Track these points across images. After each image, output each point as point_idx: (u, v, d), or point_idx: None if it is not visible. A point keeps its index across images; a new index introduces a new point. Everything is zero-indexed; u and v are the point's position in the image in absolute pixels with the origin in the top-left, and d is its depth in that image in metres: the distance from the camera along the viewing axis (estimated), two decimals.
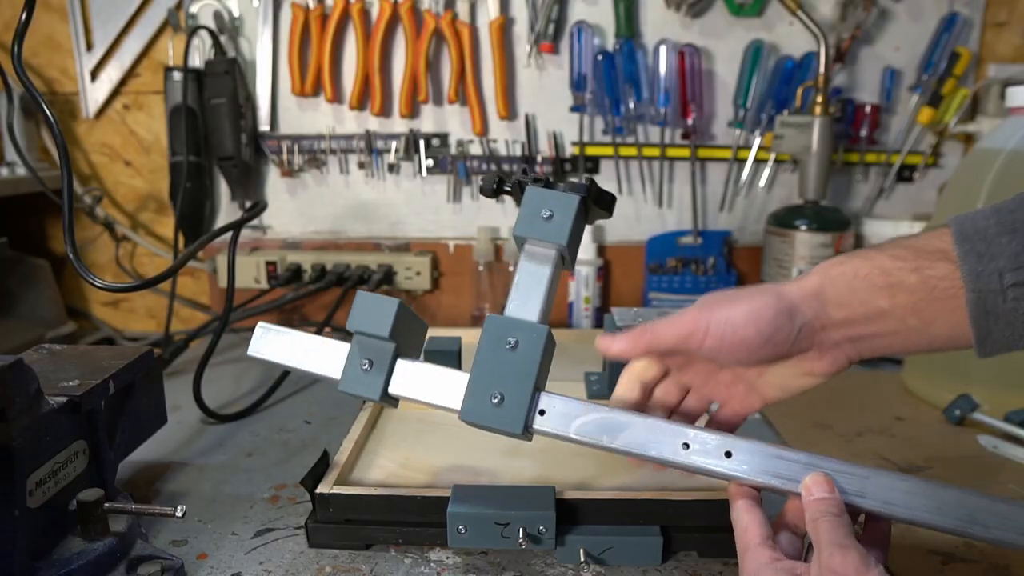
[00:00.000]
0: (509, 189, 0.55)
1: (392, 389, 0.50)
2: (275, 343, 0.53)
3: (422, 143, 1.12)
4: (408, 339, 0.51)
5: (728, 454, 0.46)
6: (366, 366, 0.50)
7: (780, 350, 0.47)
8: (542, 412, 0.48)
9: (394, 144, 1.12)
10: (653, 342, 0.48)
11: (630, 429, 0.47)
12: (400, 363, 0.50)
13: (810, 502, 0.43)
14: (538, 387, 0.48)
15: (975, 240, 0.43)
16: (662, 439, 0.47)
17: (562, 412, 0.48)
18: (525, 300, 0.50)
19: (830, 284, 0.46)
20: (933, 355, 0.87)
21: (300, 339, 0.52)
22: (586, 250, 1.10)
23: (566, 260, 0.53)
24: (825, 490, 0.43)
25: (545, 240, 0.51)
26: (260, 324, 0.54)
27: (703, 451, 0.46)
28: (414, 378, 0.50)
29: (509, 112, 1.10)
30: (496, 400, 0.47)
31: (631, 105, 1.07)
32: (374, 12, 1.07)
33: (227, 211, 1.17)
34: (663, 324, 0.48)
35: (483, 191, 0.56)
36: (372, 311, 0.49)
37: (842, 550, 0.38)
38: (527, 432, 0.48)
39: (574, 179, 0.53)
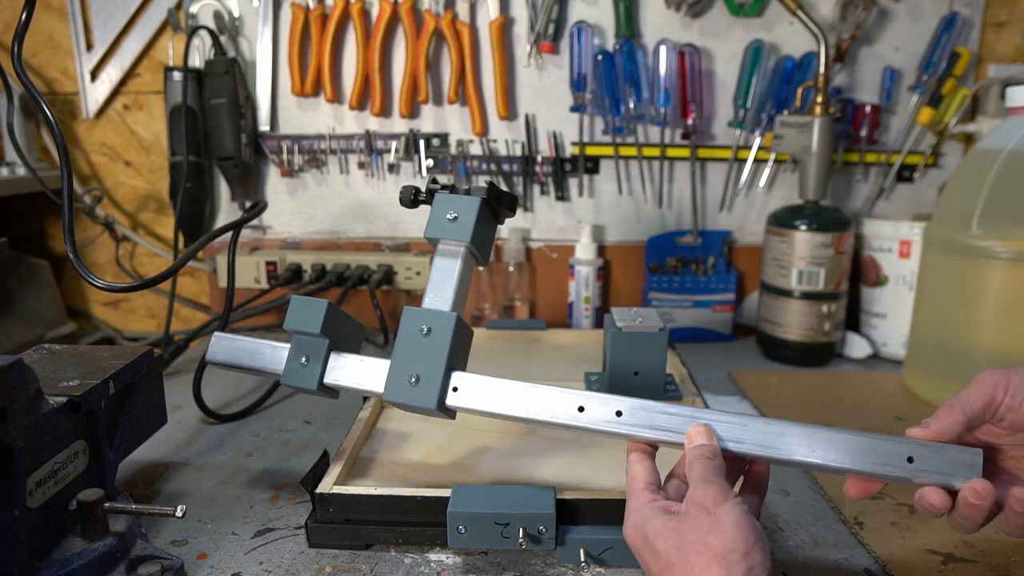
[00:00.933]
0: (424, 199, 0.61)
1: (327, 380, 0.57)
2: (227, 349, 0.60)
3: (422, 143, 1.12)
4: (341, 336, 0.59)
5: (619, 413, 0.50)
6: (304, 360, 0.57)
7: None
8: (455, 389, 0.54)
9: (394, 144, 1.12)
10: (965, 408, 0.48)
11: (531, 398, 0.52)
12: (334, 356, 0.57)
13: (689, 449, 0.48)
14: (452, 367, 0.54)
15: None
16: (559, 405, 0.51)
17: (472, 387, 0.54)
18: (438, 292, 0.57)
19: None
20: (933, 355, 0.87)
21: (249, 343, 0.60)
22: (586, 250, 1.10)
23: (477, 257, 0.59)
24: (704, 438, 0.48)
25: (452, 239, 0.58)
26: (216, 334, 0.61)
27: (597, 413, 0.50)
28: (346, 369, 0.57)
29: (509, 112, 1.10)
30: (413, 381, 0.54)
31: (631, 105, 1.07)
32: (374, 12, 1.07)
33: (227, 211, 1.17)
34: (966, 390, 0.49)
35: (402, 202, 0.61)
36: (305, 312, 0.57)
37: (705, 484, 0.43)
38: (442, 408, 0.54)
39: (483, 184, 0.60)
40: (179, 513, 0.50)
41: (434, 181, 0.61)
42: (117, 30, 1.12)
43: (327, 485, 0.58)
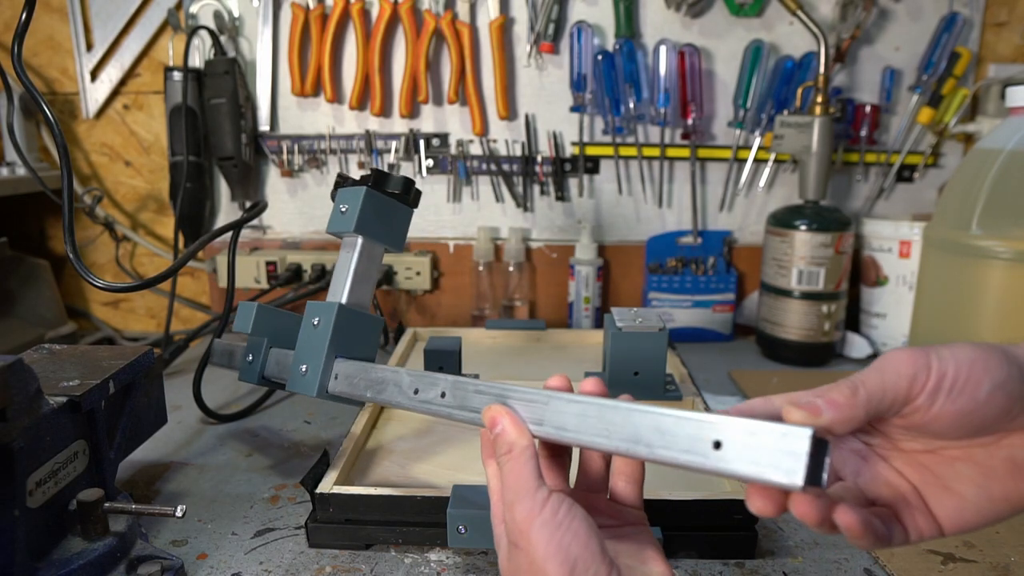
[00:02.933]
0: (333, 197, 0.63)
1: (266, 372, 0.63)
2: (216, 351, 0.69)
3: (422, 143, 1.12)
4: (277, 333, 0.64)
5: (443, 395, 0.47)
6: (250, 358, 0.64)
7: (1006, 409, 0.34)
8: (336, 376, 0.57)
9: (394, 144, 1.12)
10: (872, 400, 0.34)
11: (385, 384, 0.52)
12: (273, 352, 0.63)
13: (490, 440, 0.41)
14: (337, 355, 0.57)
15: None
16: (399, 388, 0.51)
17: (346, 374, 0.56)
18: (335, 285, 0.60)
19: None
20: None
21: (225, 346, 0.68)
22: (586, 250, 1.10)
23: (383, 246, 0.62)
24: (508, 425, 0.40)
25: (344, 231, 0.60)
26: (214, 340, 0.71)
27: (428, 394, 0.48)
28: (277, 363, 0.63)
29: (509, 112, 1.10)
30: (303, 370, 0.58)
31: (631, 105, 1.07)
32: (374, 12, 1.07)
33: (227, 211, 1.17)
34: (874, 375, 0.35)
35: (332, 197, 0.64)
36: (242, 315, 0.64)
37: (510, 505, 0.37)
38: (325, 394, 0.57)
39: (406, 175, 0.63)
40: (179, 513, 0.50)
41: (340, 178, 0.63)
42: (117, 30, 1.12)
43: (327, 485, 0.58)
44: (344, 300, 0.59)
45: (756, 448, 0.32)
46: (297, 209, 1.17)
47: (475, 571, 0.55)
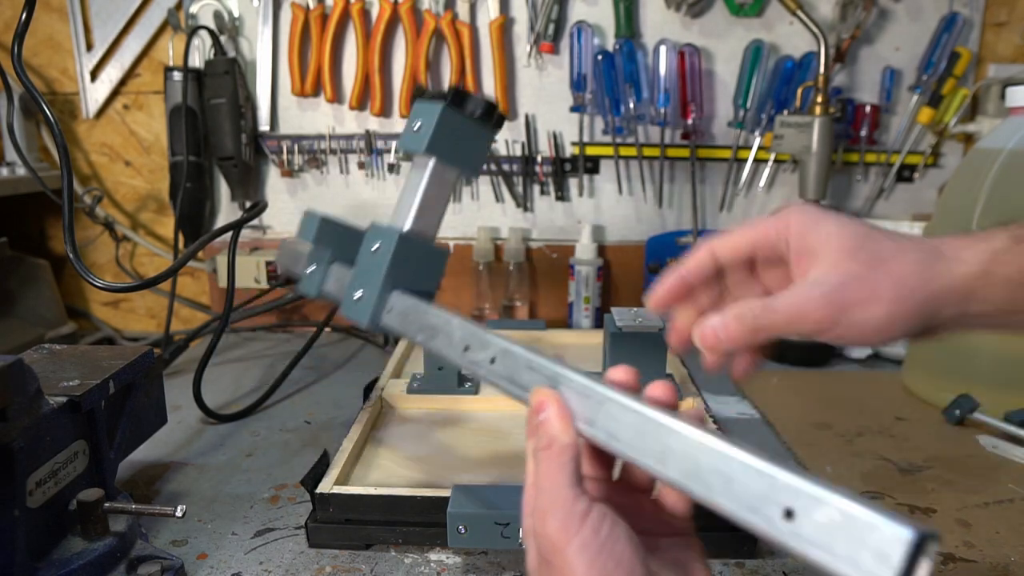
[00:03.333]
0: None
1: (325, 289, 0.57)
2: (284, 250, 0.61)
3: None
4: (341, 247, 0.58)
5: (492, 360, 0.42)
6: (312, 268, 0.58)
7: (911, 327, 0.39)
8: (390, 310, 0.52)
9: (394, 144, 1.12)
10: (771, 325, 0.38)
11: (437, 331, 0.47)
12: (334, 268, 0.57)
13: (532, 428, 0.35)
14: (393, 286, 0.52)
15: None
16: (450, 340, 0.46)
17: (401, 310, 0.51)
18: (400, 209, 0.55)
19: (988, 285, 0.38)
20: (933, 355, 0.87)
21: (294, 247, 0.61)
22: (586, 250, 1.10)
23: (457, 170, 0.55)
24: (555, 416, 0.35)
25: (414, 150, 0.54)
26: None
27: (475, 354, 0.44)
28: (337, 280, 0.57)
29: (509, 112, 1.10)
30: (358, 296, 0.53)
31: (631, 105, 1.07)
32: (374, 12, 1.07)
33: (227, 211, 1.17)
34: (783, 306, 0.38)
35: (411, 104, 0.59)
36: (305, 226, 0.58)
37: (543, 514, 0.32)
38: (375, 325, 0.52)
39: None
40: (179, 513, 0.50)
41: (418, 89, 0.58)
42: (117, 30, 1.12)
43: (327, 485, 0.58)
44: (407, 227, 0.53)
45: (835, 531, 0.26)
46: (297, 209, 1.17)
47: (475, 571, 0.55)
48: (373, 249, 0.53)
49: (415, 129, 0.54)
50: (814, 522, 0.26)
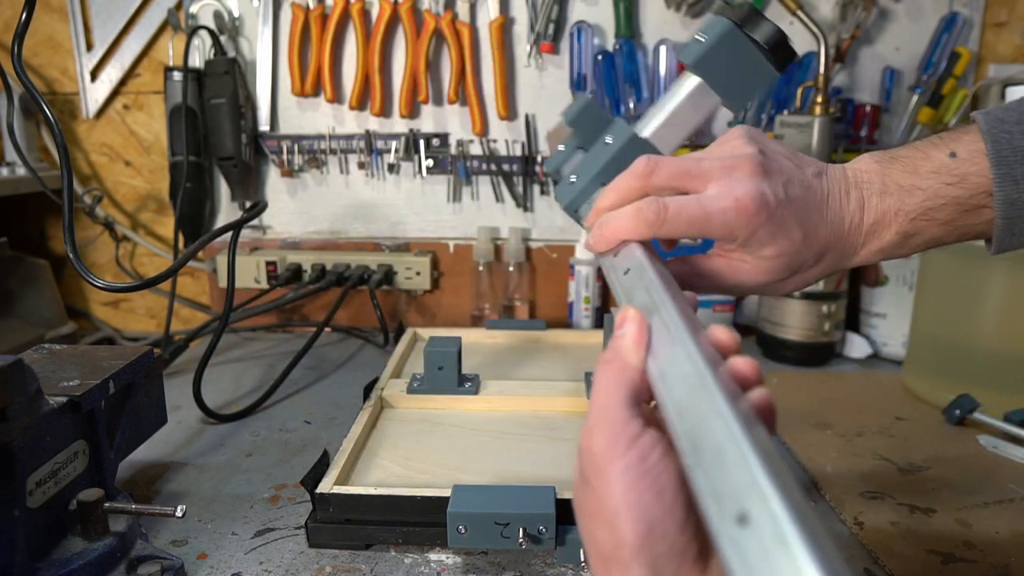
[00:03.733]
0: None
1: (563, 168, 0.58)
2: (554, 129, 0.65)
3: (422, 143, 1.12)
4: (589, 133, 0.57)
5: (627, 271, 0.42)
6: (561, 147, 0.59)
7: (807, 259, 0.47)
8: (590, 202, 0.52)
9: (394, 144, 1.12)
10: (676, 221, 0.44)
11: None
12: (578, 153, 0.58)
13: (612, 341, 0.34)
14: (603, 181, 0.52)
15: (1012, 163, 0.42)
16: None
17: (596, 207, 0.50)
18: (650, 114, 0.54)
19: (884, 229, 0.46)
20: (933, 355, 0.87)
21: (562, 125, 0.60)
22: (586, 250, 1.10)
23: (721, 103, 0.53)
24: (632, 334, 0.33)
25: (685, 61, 0.52)
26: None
27: (620, 260, 0.45)
28: (573, 162, 0.57)
29: (509, 112, 1.10)
30: (572, 180, 0.55)
31: (631, 105, 1.07)
32: (374, 12, 1.07)
33: (227, 211, 1.17)
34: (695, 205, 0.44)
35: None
36: (571, 108, 0.57)
37: (590, 431, 0.30)
38: (572, 210, 0.54)
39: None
40: (179, 513, 0.50)
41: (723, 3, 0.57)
42: (117, 30, 1.12)
43: (327, 485, 0.58)
44: (646, 134, 0.53)
45: (765, 560, 0.22)
46: (297, 209, 1.17)
47: (475, 571, 0.55)
48: (607, 141, 0.54)
49: (698, 39, 0.51)
50: (759, 541, 0.23)
